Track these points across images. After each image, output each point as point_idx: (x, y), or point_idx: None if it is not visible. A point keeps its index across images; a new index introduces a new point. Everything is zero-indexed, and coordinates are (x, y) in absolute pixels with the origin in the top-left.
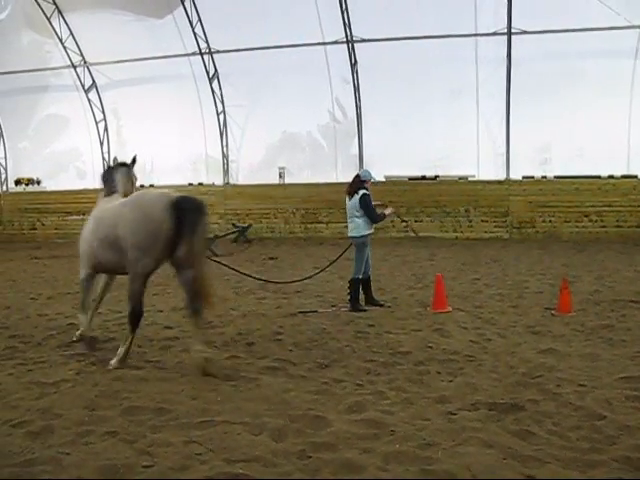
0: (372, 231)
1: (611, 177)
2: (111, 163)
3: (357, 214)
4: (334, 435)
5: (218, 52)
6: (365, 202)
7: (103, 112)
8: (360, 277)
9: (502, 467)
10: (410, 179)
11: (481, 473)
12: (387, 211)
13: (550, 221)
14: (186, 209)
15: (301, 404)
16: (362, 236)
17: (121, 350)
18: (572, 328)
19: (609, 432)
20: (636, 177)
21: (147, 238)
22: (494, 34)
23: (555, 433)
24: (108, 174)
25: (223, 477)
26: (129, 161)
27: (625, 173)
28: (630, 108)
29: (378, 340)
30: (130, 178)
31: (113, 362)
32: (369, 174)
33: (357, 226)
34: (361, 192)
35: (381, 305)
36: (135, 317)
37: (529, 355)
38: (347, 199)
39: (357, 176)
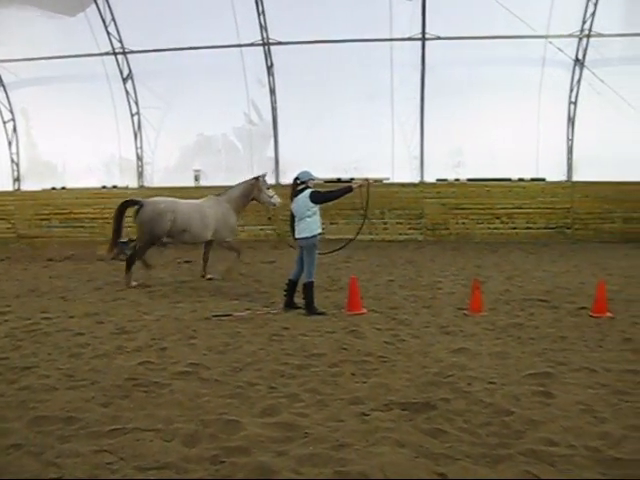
0: (321, 231)
1: (521, 180)
2: None
3: (308, 213)
4: (248, 439)
5: (132, 52)
6: (316, 195)
7: (11, 112)
8: (313, 280)
9: (414, 466)
10: (326, 182)
11: (393, 473)
12: (355, 184)
13: (463, 223)
14: None
15: (214, 408)
16: (313, 236)
17: None
18: (483, 327)
19: (516, 427)
20: (544, 180)
21: None
22: (409, 39)
23: (466, 430)
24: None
25: None
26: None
27: (534, 176)
28: (538, 114)
29: (292, 343)
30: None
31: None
32: (308, 174)
33: (308, 226)
34: (308, 191)
35: (299, 308)
36: None
37: (441, 355)
38: (292, 204)
39: (296, 178)
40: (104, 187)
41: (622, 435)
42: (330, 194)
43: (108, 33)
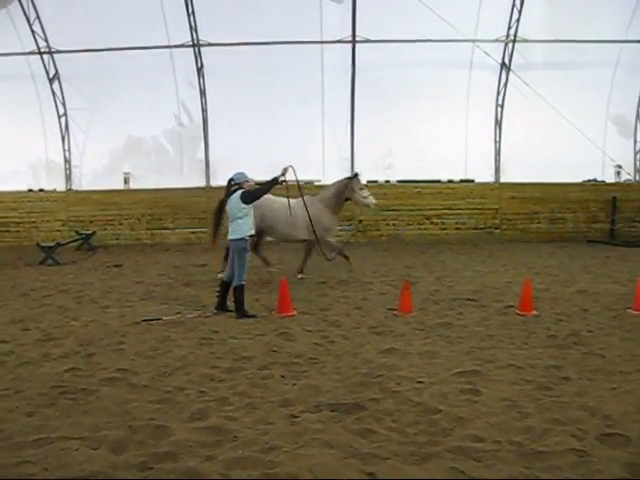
0: (252, 233)
1: (450, 181)
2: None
3: (240, 214)
4: (176, 444)
5: (59, 52)
6: (246, 195)
7: None
8: (244, 283)
9: (343, 467)
10: (257, 184)
11: (322, 474)
12: (279, 175)
13: (394, 224)
14: None
15: (143, 414)
16: (243, 238)
17: None
18: (413, 327)
19: (444, 425)
20: (473, 181)
21: None
22: (339, 42)
23: (394, 429)
24: None
25: None
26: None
27: (463, 178)
28: (467, 116)
29: (222, 346)
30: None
31: None
32: (243, 176)
33: (239, 227)
34: (239, 191)
35: (230, 311)
36: None
37: (371, 355)
38: (226, 205)
39: (231, 179)
40: (30, 190)
41: (545, 429)
42: (258, 190)
43: (33, 32)
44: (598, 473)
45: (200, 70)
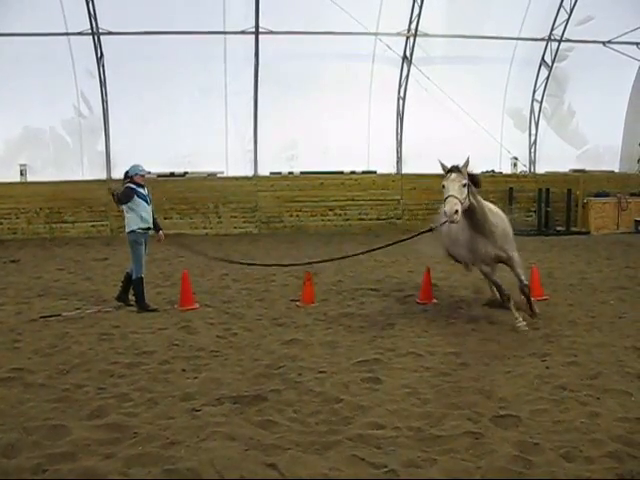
0: (144, 226)
1: (353, 173)
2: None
3: (125, 208)
4: (74, 444)
5: None
6: (120, 195)
7: None
8: (142, 276)
9: (244, 458)
10: (159, 176)
11: (223, 467)
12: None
13: (297, 215)
14: None
15: (39, 414)
16: (131, 231)
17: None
18: (315, 318)
19: (345, 413)
20: (375, 172)
21: None
22: (242, 33)
23: (296, 420)
24: None
25: None
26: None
27: (366, 169)
28: (369, 108)
29: (123, 341)
30: None
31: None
32: (134, 169)
33: (127, 222)
34: (125, 186)
35: (131, 305)
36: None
37: (273, 347)
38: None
39: (126, 172)
40: None
41: (443, 414)
42: (123, 195)
43: None
44: (492, 453)
45: (100, 59)
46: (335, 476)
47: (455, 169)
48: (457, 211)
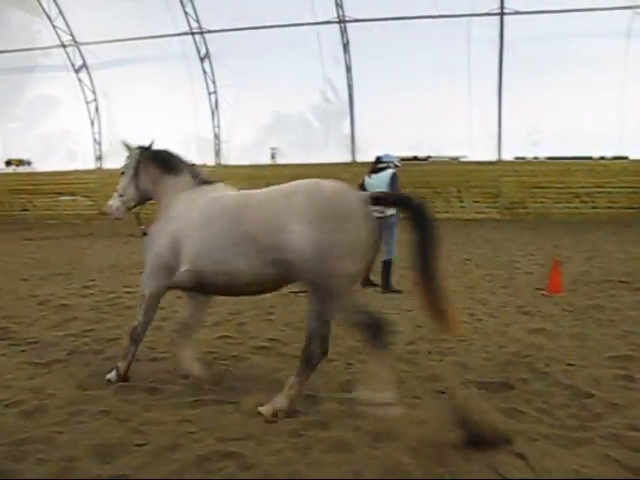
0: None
1: (602, 158)
2: None
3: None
4: (324, 413)
5: (209, 32)
6: (396, 181)
7: (94, 92)
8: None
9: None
10: (402, 159)
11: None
12: None
13: (541, 202)
14: None
15: None
16: (392, 215)
17: None
18: (562, 308)
19: (597, 410)
20: (627, 158)
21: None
22: (487, 14)
23: (544, 411)
24: None
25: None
26: None
27: (616, 154)
28: (622, 89)
29: None
30: None
31: None
32: (390, 157)
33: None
34: (389, 171)
35: (376, 285)
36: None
37: (519, 335)
38: (366, 177)
39: (378, 157)
40: None
41: None
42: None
43: (186, 13)
44: None
45: (346, 46)
46: (586, 475)
47: None
48: None
